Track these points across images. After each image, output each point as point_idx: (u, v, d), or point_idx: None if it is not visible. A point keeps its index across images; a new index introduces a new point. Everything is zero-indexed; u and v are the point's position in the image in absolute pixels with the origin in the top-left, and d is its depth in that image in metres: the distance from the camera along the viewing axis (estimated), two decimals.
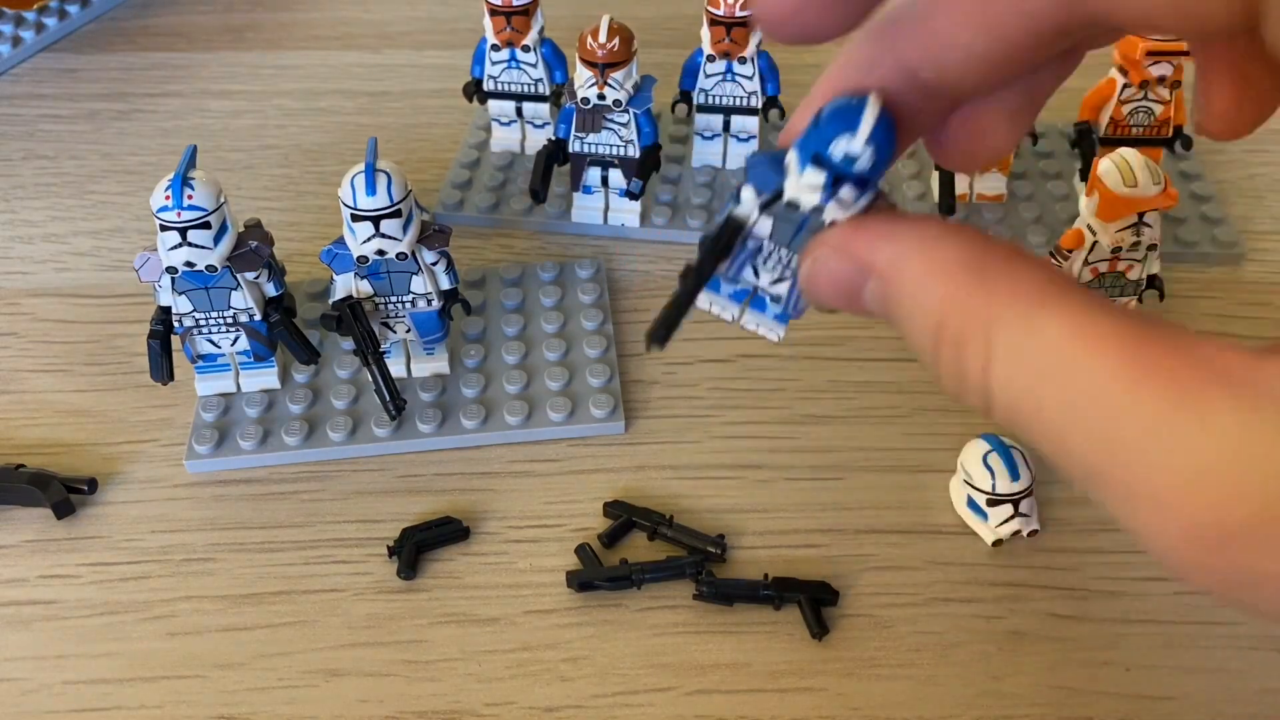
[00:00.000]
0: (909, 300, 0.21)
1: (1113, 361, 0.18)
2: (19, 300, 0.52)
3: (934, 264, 0.21)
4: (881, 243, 0.22)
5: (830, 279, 0.23)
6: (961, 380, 0.20)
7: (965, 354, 0.20)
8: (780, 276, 0.25)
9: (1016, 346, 0.19)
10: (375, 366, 0.43)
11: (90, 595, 0.40)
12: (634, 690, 0.37)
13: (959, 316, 0.20)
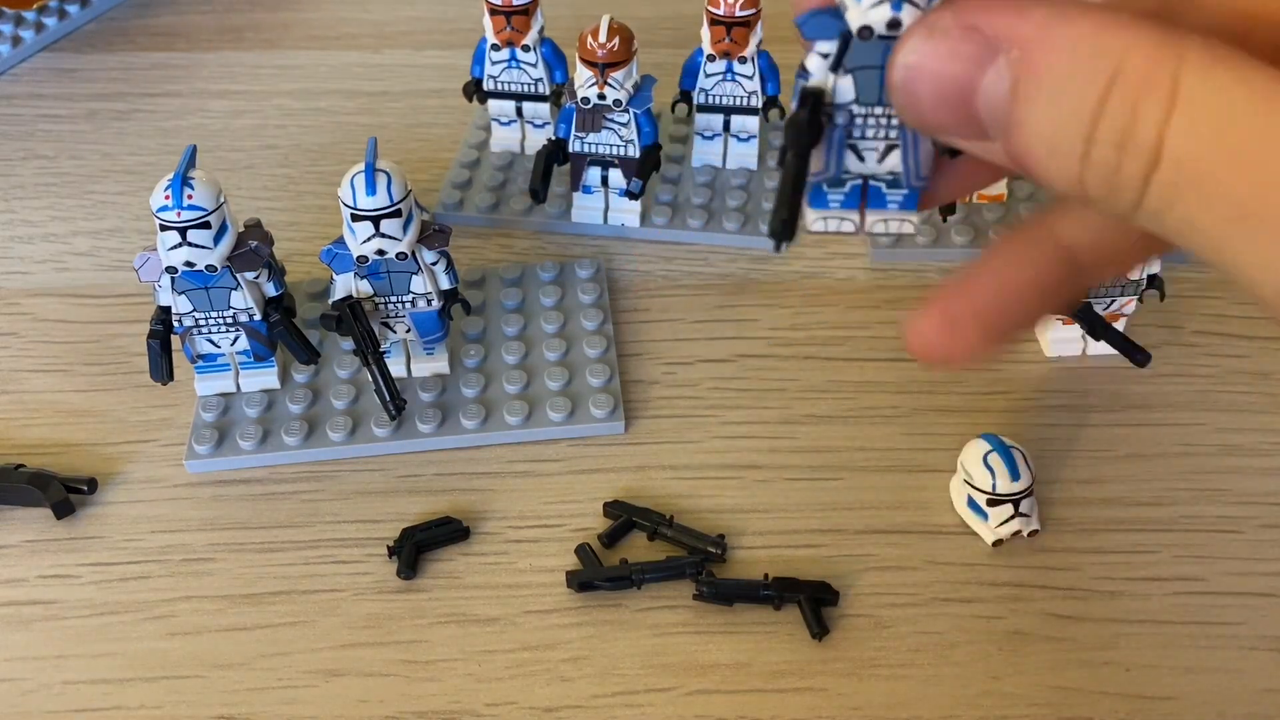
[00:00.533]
0: (1067, 64, 0.18)
1: None
2: (19, 300, 0.52)
3: (1109, 19, 0.18)
4: (1027, 5, 0.19)
5: (938, 67, 0.19)
6: (1126, 140, 0.18)
7: (1142, 102, 0.17)
8: (888, 146, 0.22)
9: (1210, 93, 0.17)
10: (375, 366, 0.43)
11: (90, 595, 0.40)
12: (634, 690, 0.37)
13: (1144, 59, 0.17)
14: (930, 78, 0.19)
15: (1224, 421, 0.45)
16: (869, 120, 0.22)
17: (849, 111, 0.22)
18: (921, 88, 0.19)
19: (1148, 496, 0.42)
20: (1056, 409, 0.45)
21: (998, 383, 0.47)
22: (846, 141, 0.23)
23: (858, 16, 0.21)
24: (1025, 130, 0.19)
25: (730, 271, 0.52)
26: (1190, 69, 0.17)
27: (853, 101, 0.22)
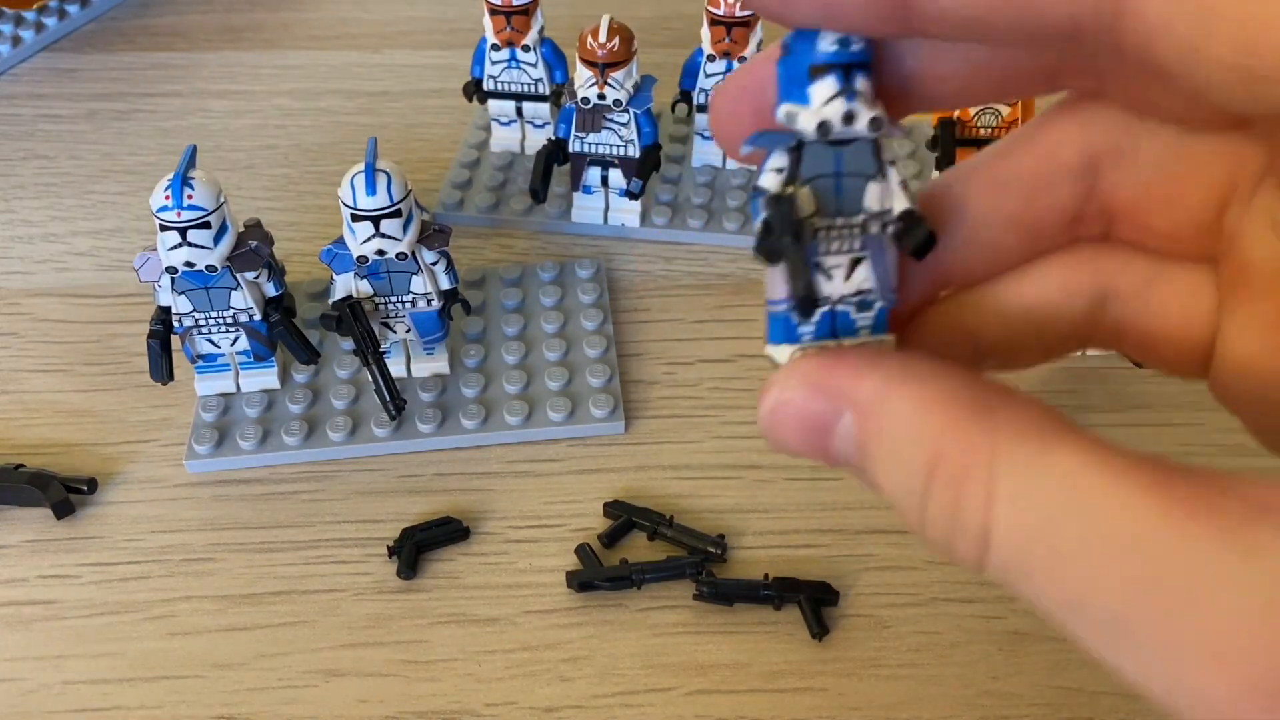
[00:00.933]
0: (895, 435, 0.19)
1: (1146, 497, 0.16)
2: (19, 300, 0.52)
3: (929, 397, 0.19)
4: (863, 374, 0.20)
5: (797, 417, 0.21)
6: (955, 525, 0.18)
7: (964, 493, 0.18)
8: (853, 261, 0.22)
9: (1027, 483, 0.17)
10: (375, 366, 0.43)
11: (90, 595, 0.40)
12: (634, 690, 0.37)
13: (959, 450, 0.18)
14: (794, 414, 0.21)
15: (1223, 422, 0.45)
16: (831, 233, 0.22)
17: (812, 225, 0.22)
18: (787, 423, 0.21)
19: None
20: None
21: None
22: (812, 259, 0.22)
23: (812, 116, 0.21)
24: (876, 480, 0.20)
25: (730, 271, 0.52)
26: (1004, 462, 0.17)
27: (814, 215, 0.22)
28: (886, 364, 0.20)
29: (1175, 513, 0.16)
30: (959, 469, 0.18)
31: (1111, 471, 0.17)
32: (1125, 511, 0.16)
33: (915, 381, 0.19)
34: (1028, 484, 0.17)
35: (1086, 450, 0.17)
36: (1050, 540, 0.17)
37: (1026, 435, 0.18)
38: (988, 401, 0.18)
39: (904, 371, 0.19)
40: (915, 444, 0.19)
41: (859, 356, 0.20)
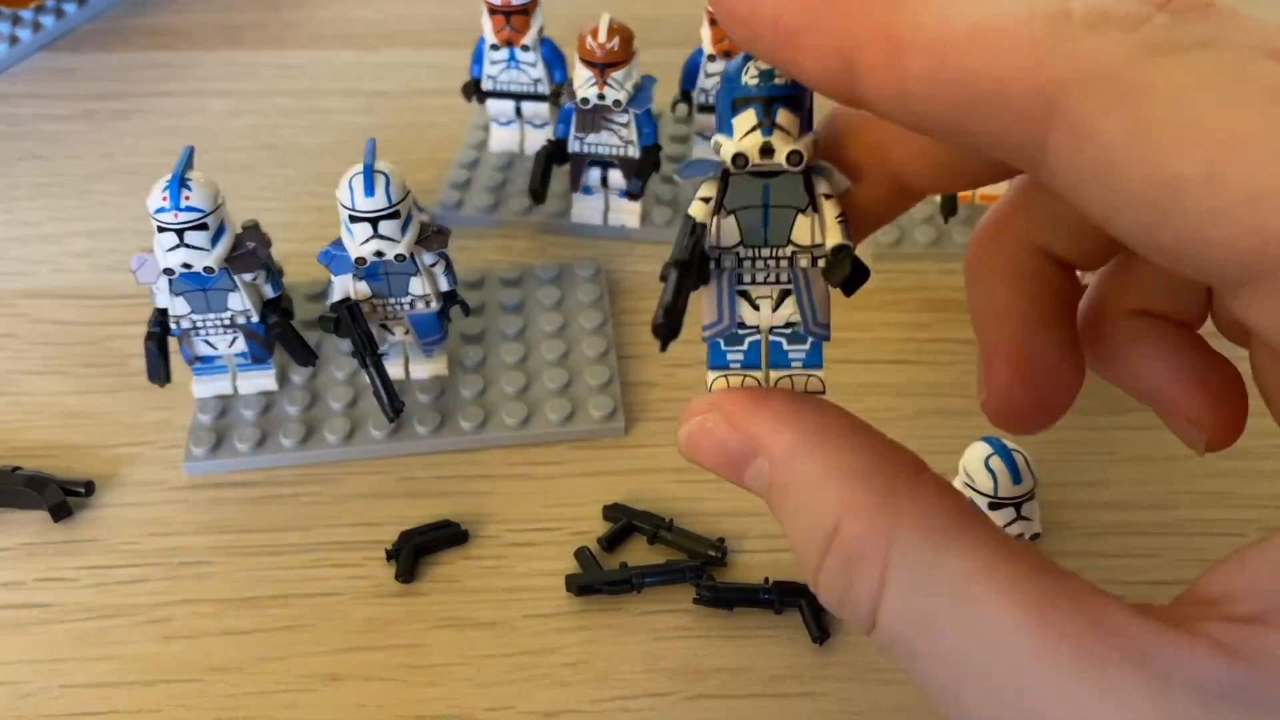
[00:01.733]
0: (801, 496, 0.20)
1: (1019, 614, 0.17)
2: (16, 301, 0.52)
3: (837, 465, 0.20)
4: (781, 425, 0.20)
5: (714, 447, 0.22)
6: (846, 595, 0.19)
7: (858, 571, 0.19)
8: (781, 293, 0.22)
9: (916, 576, 0.18)
10: (373, 368, 0.43)
11: (87, 599, 0.40)
12: (633, 695, 0.37)
13: (858, 528, 0.19)
14: (711, 444, 0.22)
15: None
16: (757, 263, 0.22)
17: (735, 255, 0.22)
18: (704, 448, 0.22)
19: (1150, 500, 0.42)
20: None
21: None
22: (737, 288, 0.23)
23: (731, 148, 0.21)
24: (785, 522, 0.21)
25: None
26: (898, 554, 0.18)
27: (738, 244, 0.22)
28: (803, 419, 0.20)
29: (1046, 639, 0.17)
30: (855, 548, 0.19)
31: (997, 582, 0.17)
32: (1002, 628, 0.17)
33: (827, 446, 0.20)
34: (918, 581, 0.18)
35: (978, 556, 0.18)
36: (931, 637, 0.18)
37: (925, 529, 0.18)
38: (894, 483, 0.19)
39: (818, 433, 0.20)
40: (818, 510, 0.19)
41: (779, 406, 0.21)
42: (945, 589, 0.18)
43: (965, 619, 0.17)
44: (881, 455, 0.20)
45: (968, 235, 0.52)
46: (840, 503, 0.19)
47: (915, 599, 0.18)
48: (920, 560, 0.18)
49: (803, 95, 0.21)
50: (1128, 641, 0.17)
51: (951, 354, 0.47)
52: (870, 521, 0.19)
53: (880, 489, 0.19)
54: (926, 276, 0.51)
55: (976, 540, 0.18)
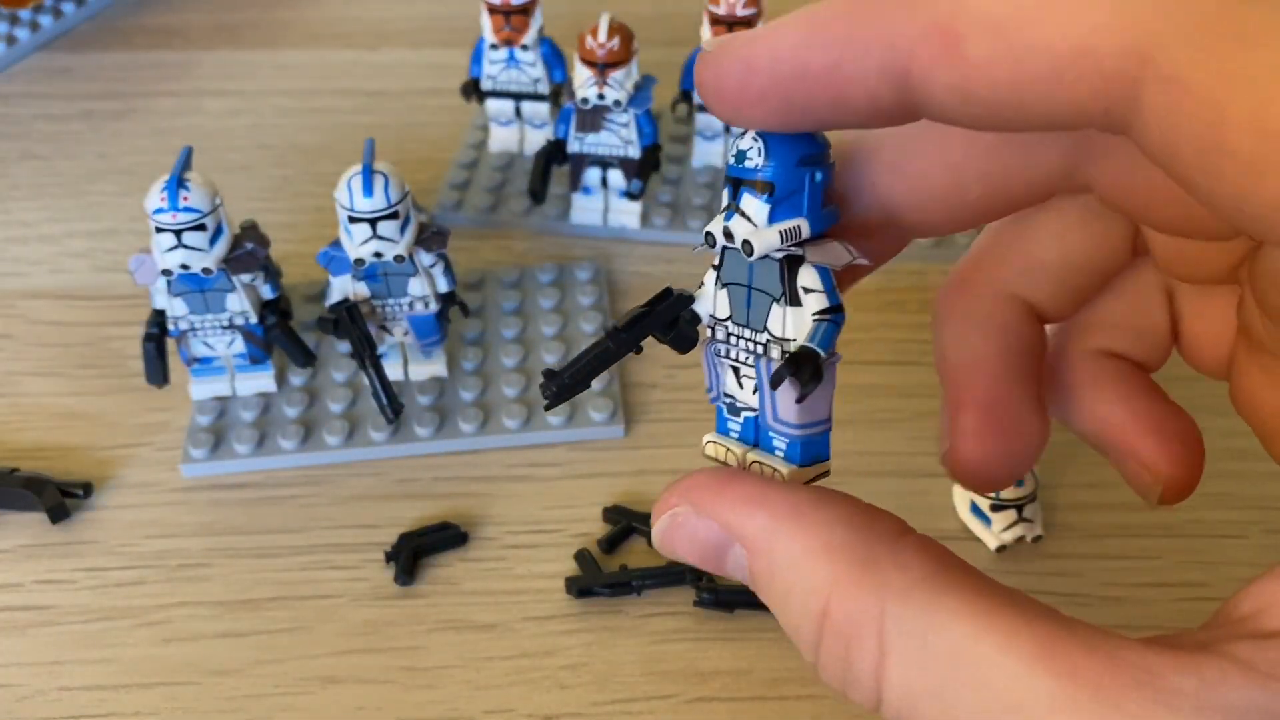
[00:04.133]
0: (785, 580, 0.19)
1: (1029, 667, 0.16)
2: (13, 302, 0.52)
3: (816, 543, 0.19)
4: (752, 509, 0.20)
5: (690, 538, 0.21)
6: (848, 676, 0.18)
7: (855, 649, 0.18)
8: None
9: (916, 646, 0.17)
10: (372, 370, 0.43)
11: (85, 601, 0.40)
12: (633, 698, 0.37)
13: (847, 606, 0.18)
14: (687, 538, 0.21)
15: (1228, 425, 0.45)
16: (742, 341, 0.22)
17: (726, 328, 0.22)
18: (680, 543, 0.21)
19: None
20: None
21: None
22: (726, 360, 0.22)
23: (716, 223, 0.21)
24: (774, 607, 0.20)
25: None
26: (893, 624, 0.18)
27: (729, 318, 0.22)
28: (774, 501, 0.20)
29: (1062, 686, 0.16)
30: (849, 625, 0.18)
31: (999, 637, 0.17)
32: (1014, 681, 0.16)
33: (802, 526, 0.19)
34: (918, 649, 0.17)
35: (978, 607, 0.17)
36: (942, 704, 0.17)
37: (914, 594, 0.18)
38: (875, 553, 0.18)
39: (791, 512, 0.19)
40: (805, 593, 0.19)
41: (747, 489, 0.20)
42: (946, 653, 0.17)
43: (974, 682, 0.17)
44: (858, 525, 0.19)
45: (969, 235, 0.52)
46: (825, 581, 0.18)
47: (918, 670, 0.17)
48: (916, 628, 0.17)
49: (781, 179, 0.20)
50: (1149, 676, 0.16)
51: None
52: (857, 597, 0.18)
53: (863, 560, 0.18)
54: (927, 276, 0.51)
55: (969, 596, 0.17)
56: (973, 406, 0.24)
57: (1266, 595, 0.16)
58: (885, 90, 0.18)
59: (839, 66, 0.18)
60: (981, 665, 0.17)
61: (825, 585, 0.18)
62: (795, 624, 0.19)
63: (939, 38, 0.17)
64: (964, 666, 0.17)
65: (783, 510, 0.19)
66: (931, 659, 0.17)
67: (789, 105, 0.19)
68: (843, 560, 0.18)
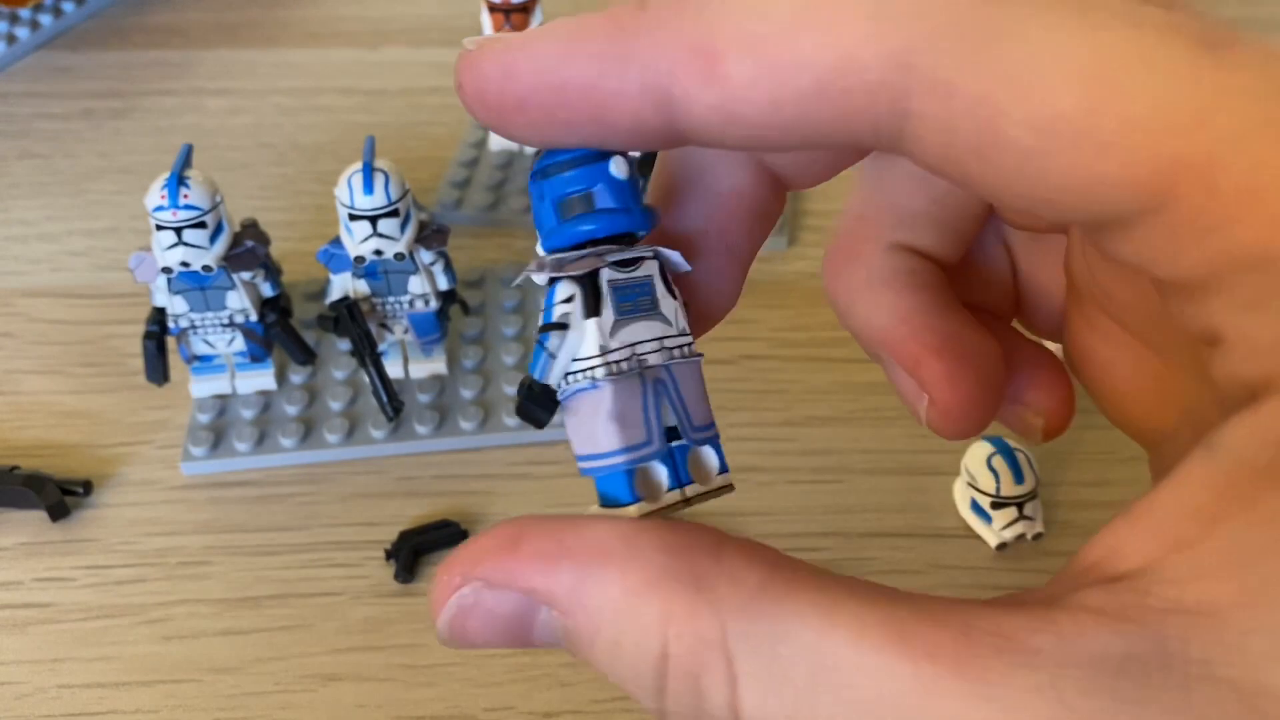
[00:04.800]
0: (610, 631, 0.17)
1: (886, 655, 0.15)
2: (13, 301, 0.52)
3: (636, 579, 0.17)
4: (553, 564, 0.18)
5: (485, 622, 0.18)
6: (701, 715, 0.17)
7: (704, 684, 0.16)
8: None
9: (766, 661, 0.16)
10: (372, 368, 0.43)
11: (86, 599, 0.40)
12: None
13: (687, 640, 0.16)
14: (481, 619, 0.18)
15: None
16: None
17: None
18: (474, 629, 0.18)
19: None
20: None
21: None
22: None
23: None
24: (606, 668, 0.18)
25: None
26: (737, 644, 0.16)
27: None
28: (576, 549, 0.18)
29: (923, 669, 0.15)
30: (693, 660, 0.16)
31: (848, 630, 0.16)
32: (873, 675, 0.15)
33: (615, 565, 0.17)
34: (768, 662, 0.16)
35: (819, 610, 0.16)
36: (802, 716, 0.16)
37: (753, 605, 0.16)
38: (701, 571, 0.17)
39: (599, 555, 0.17)
40: (637, 640, 0.17)
41: (541, 541, 0.18)
42: (800, 663, 0.16)
43: (833, 686, 0.16)
44: (675, 548, 0.17)
45: None
46: (656, 618, 0.17)
47: (773, 687, 0.16)
48: (763, 644, 0.16)
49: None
50: (1005, 642, 0.15)
51: None
52: (695, 626, 0.16)
53: (691, 584, 0.17)
54: None
55: (809, 595, 0.16)
56: (929, 355, 0.23)
57: (1111, 540, 0.16)
58: (648, 112, 0.17)
59: (600, 83, 0.17)
60: (837, 667, 0.16)
61: (657, 622, 0.17)
62: (633, 677, 0.17)
63: (698, 57, 0.17)
64: (819, 672, 0.16)
65: (589, 556, 0.17)
66: (784, 672, 0.16)
67: (550, 119, 0.18)
68: (670, 590, 0.17)
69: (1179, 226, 0.15)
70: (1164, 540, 0.15)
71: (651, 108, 0.17)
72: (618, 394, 0.19)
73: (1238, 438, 0.15)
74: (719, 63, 0.17)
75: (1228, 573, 0.14)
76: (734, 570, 0.17)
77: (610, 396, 0.19)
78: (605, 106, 0.18)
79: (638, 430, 0.20)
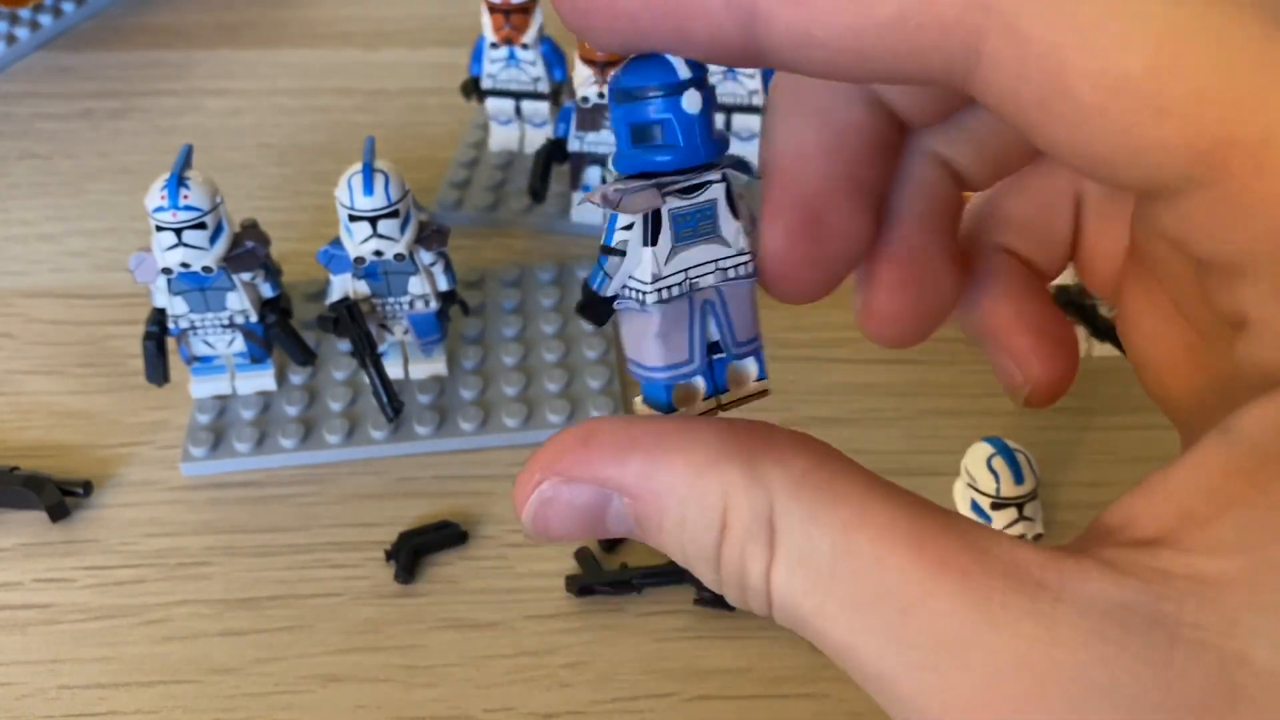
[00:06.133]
0: (676, 510, 0.19)
1: (901, 556, 0.17)
2: (13, 301, 0.52)
3: (699, 462, 0.18)
4: (623, 454, 0.19)
5: (564, 512, 0.20)
6: (745, 584, 0.18)
7: (748, 554, 0.18)
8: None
9: (800, 541, 0.17)
10: (372, 368, 0.43)
11: (85, 599, 0.40)
12: (634, 696, 0.37)
13: (742, 512, 0.18)
14: (561, 512, 0.20)
15: None
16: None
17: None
18: (555, 521, 0.20)
19: None
20: (1061, 411, 0.45)
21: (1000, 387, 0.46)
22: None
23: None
24: (664, 549, 0.19)
25: None
26: (781, 517, 0.18)
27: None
28: (642, 440, 0.19)
29: (930, 572, 0.16)
30: (743, 531, 0.18)
31: (876, 528, 0.17)
32: (885, 569, 0.17)
33: (676, 450, 0.19)
34: (801, 544, 0.17)
35: (853, 502, 0.17)
36: (815, 595, 0.17)
37: (798, 489, 0.18)
38: (756, 455, 0.18)
39: (662, 443, 0.19)
40: (701, 514, 0.18)
41: (612, 435, 0.19)
42: (825, 546, 0.17)
43: (849, 572, 0.17)
44: (728, 434, 0.19)
45: None
46: (717, 494, 0.18)
47: (801, 562, 0.17)
48: (800, 523, 0.17)
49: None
50: (1015, 569, 0.16)
51: (953, 354, 0.47)
52: (750, 499, 0.18)
53: (747, 463, 0.18)
54: None
55: (849, 489, 0.18)
56: (891, 260, 0.23)
57: (1131, 509, 0.17)
58: (731, 25, 0.18)
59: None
60: (857, 556, 0.17)
61: (718, 498, 0.18)
62: (695, 549, 0.19)
63: None
64: (840, 558, 0.17)
65: (652, 444, 0.19)
66: (812, 552, 0.17)
67: (634, 25, 0.19)
68: (728, 467, 0.18)
69: (1222, 204, 0.16)
70: (1177, 514, 0.16)
71: (734, 21, 0.18)
72: (665, 317, 0.21)
73: (1253, 423, 0.16)
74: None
75: (1234, 551, 0.15)
76: (783, 455, 0.18)
77: (658, 320, 0.21)
78: (689, 15, 0.18)
79: (680, 351, 0.21)
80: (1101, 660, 0.15)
